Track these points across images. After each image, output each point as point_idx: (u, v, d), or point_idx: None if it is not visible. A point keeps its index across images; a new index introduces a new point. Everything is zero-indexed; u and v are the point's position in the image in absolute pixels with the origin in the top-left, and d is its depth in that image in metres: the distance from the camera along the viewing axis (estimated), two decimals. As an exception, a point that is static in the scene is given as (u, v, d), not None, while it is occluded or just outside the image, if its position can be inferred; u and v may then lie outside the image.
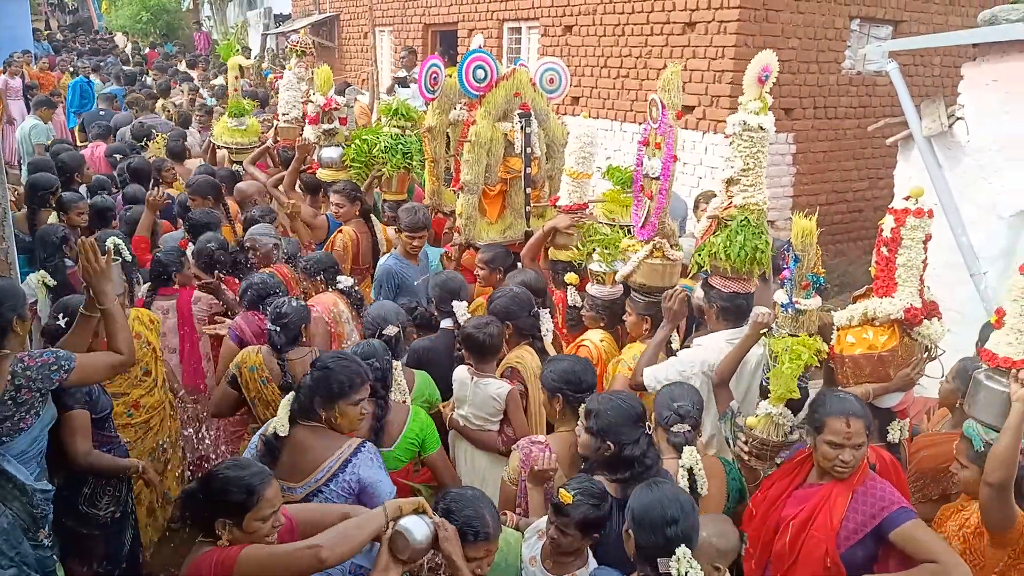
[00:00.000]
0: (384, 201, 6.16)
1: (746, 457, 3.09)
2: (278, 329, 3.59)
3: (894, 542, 2.59)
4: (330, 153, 6.38)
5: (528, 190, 5.25)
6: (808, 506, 2.73)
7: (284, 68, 7.63)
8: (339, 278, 4.50)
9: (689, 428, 2.94)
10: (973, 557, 2.63)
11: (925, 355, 3.05)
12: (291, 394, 2.91)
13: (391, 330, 3.58)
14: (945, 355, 3.13)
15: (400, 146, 5.93)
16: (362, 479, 2.80)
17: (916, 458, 3.29)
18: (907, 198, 2.94)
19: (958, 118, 5.35)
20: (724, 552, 2.61)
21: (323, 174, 6.36)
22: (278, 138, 7.30)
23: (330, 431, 2.88)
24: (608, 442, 2.75)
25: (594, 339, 4.09)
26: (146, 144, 8.14)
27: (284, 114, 7.31)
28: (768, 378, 3.26)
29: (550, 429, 3.46)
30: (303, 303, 3.82)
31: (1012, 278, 2.63)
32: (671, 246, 3.99)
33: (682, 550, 2.20)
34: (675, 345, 3.89)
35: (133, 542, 3.57)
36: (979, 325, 3.94)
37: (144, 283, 4.66)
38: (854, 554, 2.63)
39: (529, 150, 5.17)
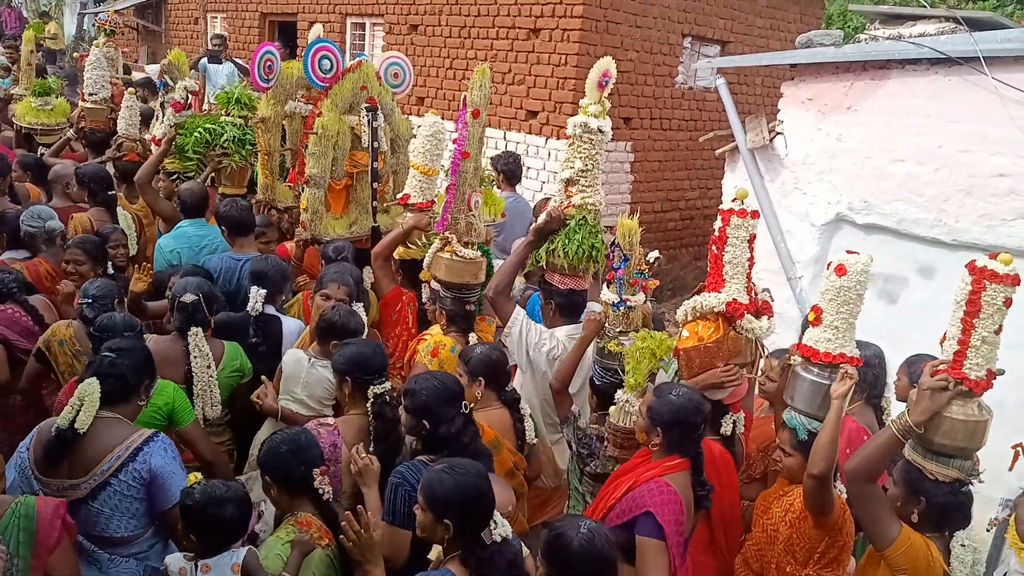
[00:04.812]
0: (221, 196, 5.75)
1: (610, 448, 3.15)
2: (89, 302, 3.57)
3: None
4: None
5: (375, 185, 5.09)
6: (611, 486, 2.85)
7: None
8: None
9: None
10: (800, 539, 2.75)
11: (760, 353, 3.18)
12: (92, 384, 2.65)
13: (188, 297, 3.50)
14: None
15: (247, 137, 5.58)
16: (154, 468, 2.65)
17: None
18: (734, 200, 3.07)
19: (778, 133, 5.69)
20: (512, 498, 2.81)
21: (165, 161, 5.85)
22: (84, 119, 6.65)
23: (120, 421, 2.72)
24: (424, 421, 2.76)
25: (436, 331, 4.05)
26: None
27: (91, 94, 6.66)
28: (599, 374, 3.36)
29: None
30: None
31: (829, 279, 2.74)
32: (465, 244, 3.99)
33: (496, 515, 2.26)
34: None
35: None
36: (795, 324, 4.20)
37: None
38: (616, 534, 2.65)
39: (376, 144, 5.00)
